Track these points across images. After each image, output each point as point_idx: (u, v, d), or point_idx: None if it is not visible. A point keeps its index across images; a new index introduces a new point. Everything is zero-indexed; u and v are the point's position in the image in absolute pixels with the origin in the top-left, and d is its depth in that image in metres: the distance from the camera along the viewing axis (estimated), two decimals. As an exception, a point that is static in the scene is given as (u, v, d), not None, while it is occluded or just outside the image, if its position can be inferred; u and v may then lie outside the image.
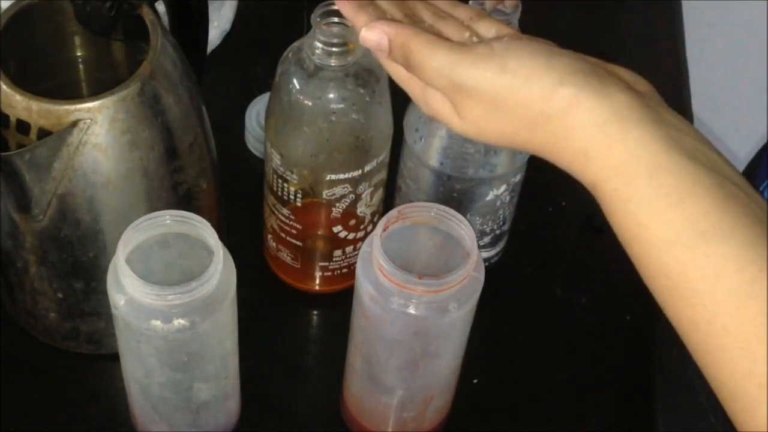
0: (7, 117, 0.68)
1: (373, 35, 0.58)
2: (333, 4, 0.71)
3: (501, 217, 0.82)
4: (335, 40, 0.70)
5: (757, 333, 0.48)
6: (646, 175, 0.51)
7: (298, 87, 0.72)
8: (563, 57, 0.54)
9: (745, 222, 0.49)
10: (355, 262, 0.70)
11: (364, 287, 0.67)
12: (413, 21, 0.60)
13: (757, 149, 1.20)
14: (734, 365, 0.49)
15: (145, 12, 0.72)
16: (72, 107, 0.67)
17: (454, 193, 0.78)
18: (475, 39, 0.59)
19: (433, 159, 0.77)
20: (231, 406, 0.76)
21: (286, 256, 0.83)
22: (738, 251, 0.48)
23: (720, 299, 0.49)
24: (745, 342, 0.48)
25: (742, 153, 1.45)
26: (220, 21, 1.00)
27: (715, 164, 0.51)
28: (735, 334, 0.48)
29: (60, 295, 0.76)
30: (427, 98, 0.58)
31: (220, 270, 0.64)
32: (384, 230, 0.66)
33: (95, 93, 0.68)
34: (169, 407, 0.72)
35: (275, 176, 0.78)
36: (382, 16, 0.59)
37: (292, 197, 0.78)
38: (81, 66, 0.79)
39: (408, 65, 0.57)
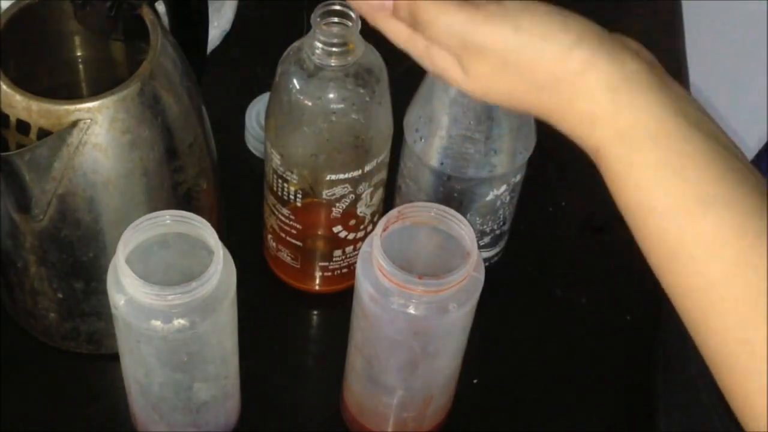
0: (7, 117, 0.68)
1: None
2: (333, 4, 0.71)
3: (501, 217, 0.82)
4: (335, 40, 0.70)
5: (752, 301, 0.48)
6: (650, 140, 0.51)
7: (298, 87, 0.72)
8: (578, 19, 0.54)
9: (746, 192, 0.50)
10: (355, 262, 0.70)
11: (364, 287, 0.67)
12: None
13: (757, 149, 1.20)
14: (728, 333, 0.49)
15: (145, 12, 0.71)
16: (72, 107, 0.67)
17: (454, 193, 0.78)
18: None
19: (433, 159, 0.77)
20: (231, 406, 0.76)
21: (286, 256, 0.83)
22: (737, 220, 0.49)
23: (717, 267, 0.49)
24: (740, 309, 0.48)
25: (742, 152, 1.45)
26: (220, 21, 1.00)
27: (717, 134, 0.52)
28: (731, 301, 0.49)
29: (60, 295, 0.76)
30: (432, 56, 0.56)
31: (220, 270, 0.64)
32: (384, 230, 0.66)
33: (95, 93, 0.68)
34: (169, 407, 0.72)
35: (275, 176, 0.78)
36: None
37: (292, 197, 0.78)
38: (81, 66, 0.79)
39: (414, 22, 0.55)
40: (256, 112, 0.94)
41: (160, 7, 0.75)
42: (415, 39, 0.57)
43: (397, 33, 0.57)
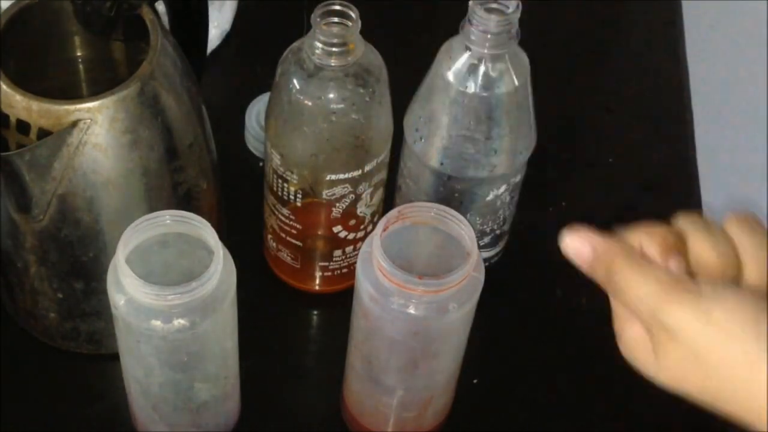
0: (7, 117, 0.68)
1: (575, 243, 0.54)
2: (333, 4, 0.71)
3: (501, 217, 0.82)
4: (335, 40, 0.70)
5: None
6: None
7: (298, 87, 0.72)
8: None
9: None
10: (355, 262, 0.70)
11: (364, 287, 0.67)
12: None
13: (756, 148, 1.20)
14: None
15: (145, 12, 0.72)
16: (72, 107, 0.67)
17: (455, 193, 0.78)
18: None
19: (433, 159, 0.77)
20: (231, 406, 0.76)
21: (286, 256, 0.83)
22: None
23: None
24: None
25: (742, 152, 1.45)
26: (220, 21, 1.00)
27: None
28: None
29: (60, 295, 0.76)
30: (624, 329, 0.53)
31: (220, 270, 0.64)
32: (384, 230, 0.66)
33: (95, 93, 0.68)
34: (169, 407, 0.72)
35: (275, 176, 0.78)
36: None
37: (292, 197, 0.78)
38: (81, 66, 0.79)
39: (609, 285, 0.52)
40: (256, 112, 0.94)
41: (160, 7, 0.75)
42: (615, 306, 0.53)
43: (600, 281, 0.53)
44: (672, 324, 0.49)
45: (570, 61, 1.07)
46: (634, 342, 0.52)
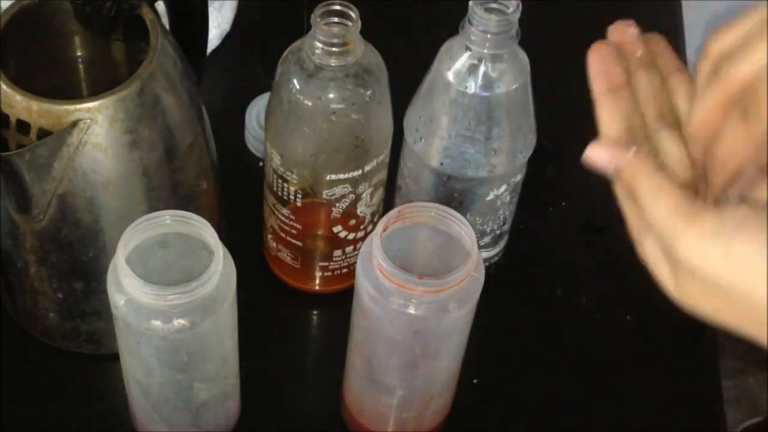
0: (7, 117, 0.68)
1: (600, 157, 0.50)
2: (333, 4, 0.71)
3: (501, 217, 0.82)
4: (335, 40, 0.70)
5: None
6: None
7: (298, 87, 0.72)
8: None
9: None
10: (355, 262, 0.70)
11: (364, 287, 0.67)
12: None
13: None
14: None
15: (145, 12, 0.72)
16: (72, 107, 0.67)
17: (455, 193, 0.78)
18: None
19: (434, 159, 0.77)
20: (231, 406, 0.76)
21: (286, 256, 0.83)
22: None
23: None
24: None
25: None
26: (220, 21, 1.00)
27: None
28: None
29: (60, 295, 0.76)
30: (643, 241, 0.49)
31: (220, 270, 0.64)
32: (384, 230, 0.66)
33: (95, 93, 0.68)
34: (169, 407, 0.72)
35: (275, 176, 0.78)
36: (629, 113, 0.52)
37: (292, 197, 0.78)
38: (81, 66, 0.79)
39: (631, 201, 0.49)
40: (256, 112, 0.94)
41: (160, 7, 0.75)
42: (636, 218, 0.50)
43: (623, 202, 0.51)
44: (689, 259, 0.45)
45: (570, 61, 1.06)
46: (654, 258, 0.48)
